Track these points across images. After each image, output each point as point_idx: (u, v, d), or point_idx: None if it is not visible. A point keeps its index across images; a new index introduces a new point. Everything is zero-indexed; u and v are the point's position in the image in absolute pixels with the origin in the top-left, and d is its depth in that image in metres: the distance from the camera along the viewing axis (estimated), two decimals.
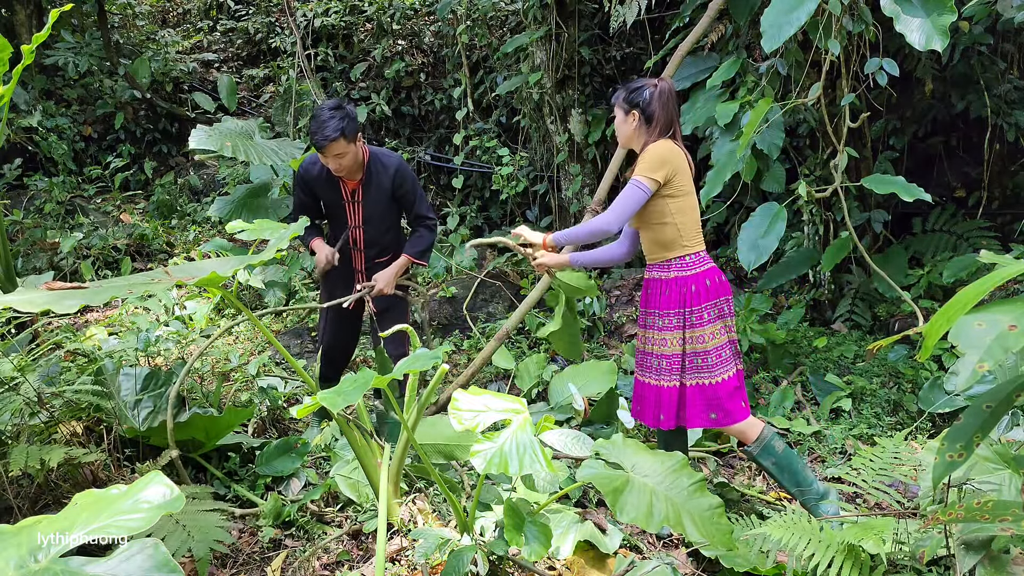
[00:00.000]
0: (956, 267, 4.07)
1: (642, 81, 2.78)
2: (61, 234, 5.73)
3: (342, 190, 3.39)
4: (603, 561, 2.55)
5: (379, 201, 3.42)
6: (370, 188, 3.39)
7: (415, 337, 2.84)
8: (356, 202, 3.41)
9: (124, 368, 3.35)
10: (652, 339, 2.79)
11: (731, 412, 2.72)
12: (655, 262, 2.79)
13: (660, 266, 2.77)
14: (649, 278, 2.82)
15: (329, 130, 3.09)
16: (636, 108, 2.73)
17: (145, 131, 7.32)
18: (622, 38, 5.98)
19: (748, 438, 2.76)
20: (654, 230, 2.75)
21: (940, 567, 2.26)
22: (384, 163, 3.39)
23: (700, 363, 2.72)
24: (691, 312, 2.71)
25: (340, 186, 3.37)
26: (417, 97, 7.28)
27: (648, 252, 2.82)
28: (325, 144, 3.11)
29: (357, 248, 3.50)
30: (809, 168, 4.57)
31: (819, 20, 3.51)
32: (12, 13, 6.78)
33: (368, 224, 3.44)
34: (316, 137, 3.12)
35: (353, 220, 3.45)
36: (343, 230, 3.49)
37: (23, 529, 1.46)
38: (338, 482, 3.01)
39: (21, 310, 3.16)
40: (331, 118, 3.11)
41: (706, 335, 2.70)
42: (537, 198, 6.37)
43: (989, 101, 4.31)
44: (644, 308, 2.86)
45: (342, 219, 3.46)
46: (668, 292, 2.74)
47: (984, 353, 1.39)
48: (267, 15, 8.17)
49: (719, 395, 2.70)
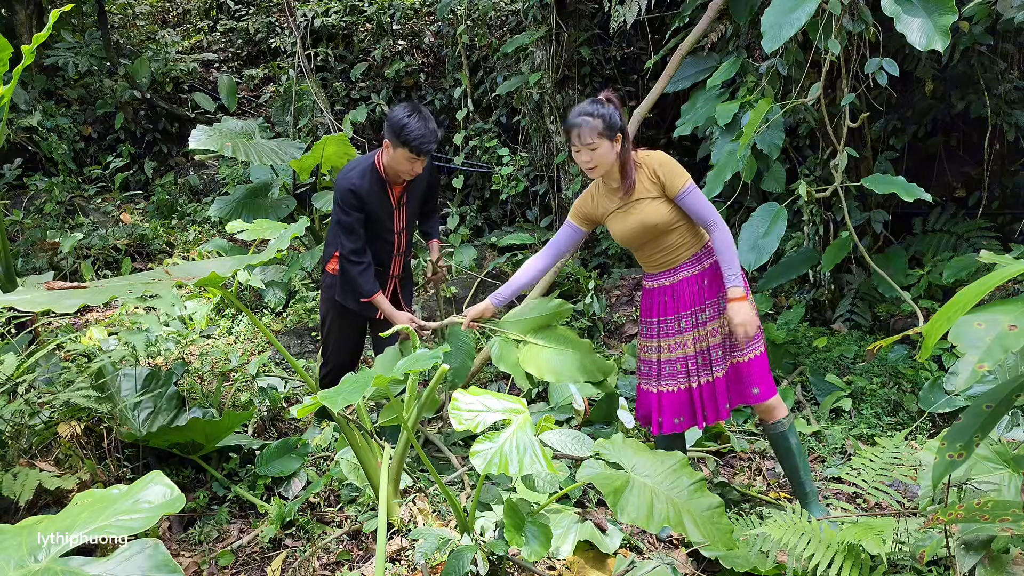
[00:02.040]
0: (956, 267, 4.07)
1: (595, 105, 2.68)
2: (61, 234, 5.73)
3: (391, 197, 3.29)
4: (603, 561, 2.55)
5: (416, 200, 3.41)
6: (412, 189, 3.35)
7: (415, 337, 2.84)
8: (402, 207, 3.35)
9: (124, 368, 3.35)
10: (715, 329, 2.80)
11: (771, 386, 2.80)
12: (689, 258, 2.79)
13: (694, 260, 2.79)
14: (690, 276, 2.79)
15: (432, 133, 3.06)
16: (620, 131, 2.68)
17: (145, 131, 7.31)
18: (622, 38, 5.98)
19: (780, 413, 2.82)
20: (686, 227, 2.78)
21: (940, 567, 2.26)
22: None
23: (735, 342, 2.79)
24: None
25: (388, 192, 3.27)
26: (417, 97, 7.28)
27: (679, 253, 2.79)
28: (432, 147, 3.07)
29: (399, 253, 3.43)
30: (809, 168, 4.57)
31: (819, 20, 3.51)
32: (12, 13, 6.78)
33: (409, 226, 3.42)
34: (424, 141, 3.03)
35: (399, 224, 3.36)
36: (387, 239, 3.35)
37: (23, 529, 1.47)
38: (342, 466, 2.99)
39: (21, 310, 3.17)
40: (426, 121, 3.06)
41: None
42: (537, 198, 6.37)
43: (989, 101, 4.31)
44: (699, 305, 2.80)
45: (388, 226, 3.33)
46: (716, 276, 2.78)
47: (984, 353, 1.39)
48: (267, 15, 8.16)
49: (761, 370, 2.78)
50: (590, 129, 2.62)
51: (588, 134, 2.63)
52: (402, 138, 3.04)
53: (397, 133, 3.05)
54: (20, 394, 2.90)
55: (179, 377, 3.55)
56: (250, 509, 3.11)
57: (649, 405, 2.91)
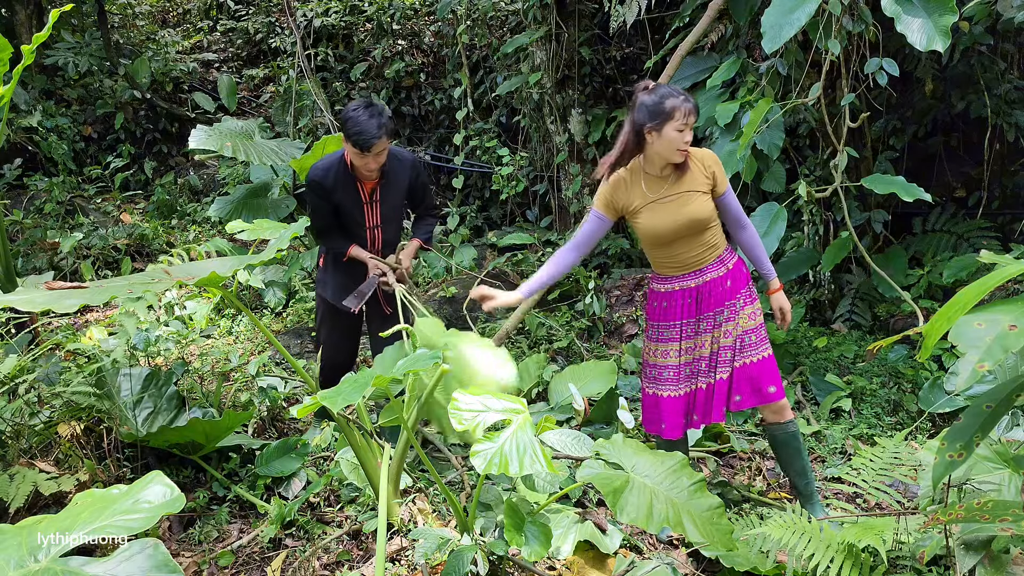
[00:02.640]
0: (956, 267, 4.06)
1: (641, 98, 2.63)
2: (61, 234, 5.73)
3: (360, 192, 3.32)
4: (603, 561, 2.55)
5: (396, 199, 3.41)
6: (388, 186, 3.35)
7: (415, 337, 2.84)
8: (375, 202, 3.36)
9: (124, 368, 3.35)
10: (740, 324, 2.78)
11: (782, 385, 2.79)
12: (715, 259, 2.78)
13: (719, 261, 2.79)
14: (716, 277, 2.77)
15: (375, 128, 3.04)
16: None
17: (145, 131, 7.31)
18: (622, 38, 5.97)
19: (790, 412, 2.81)
20: (718, 227, 2.80)
21: (940, 567, 2.26)
22: (400, 159, 3.37)
23: (755, 339, 2.78)
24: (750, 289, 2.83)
25: (358, 188, 3.31)
26: (417, 97, 7.28)
27: (710, 253, 2.77)
28: (373, 143, 3.05)
29: (374, 249, 3.44)
30: (809, 168, 4.57)
31: (819, 20, 3.51)
32: (12, 13, 6.78)
33: (385, 223, 3.42)
34: (362, 138, 3.04)
35: (371, 220, 3.39)
36: (359, 234, 3.40)
37: (23, 529, 1.47)
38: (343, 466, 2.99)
39: (21, 310, 3.16)
40: (371, 116, 3.05)
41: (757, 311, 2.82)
42: (537, 198, 6.37)
43: (989, 101, 4.31)
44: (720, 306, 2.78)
45: (359, 221, 3.38)
46: (741, 274, 2.80)
47: (984, 353, 1.39)
48: (267, 15, 8.16)
49: (773, 369, 2.78)
50: (695, 108, 2.61)
51: (694, 114, 2.61)
52: (346, 133, 3.10)
53: (342, 128, 3.12)
54: (20, 394, 2.90)
55: (179, 377, 3.55)
56: (250, 509, 3.11)
57: (658, 410, 2.87)
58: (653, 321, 2.88)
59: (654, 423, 2.91)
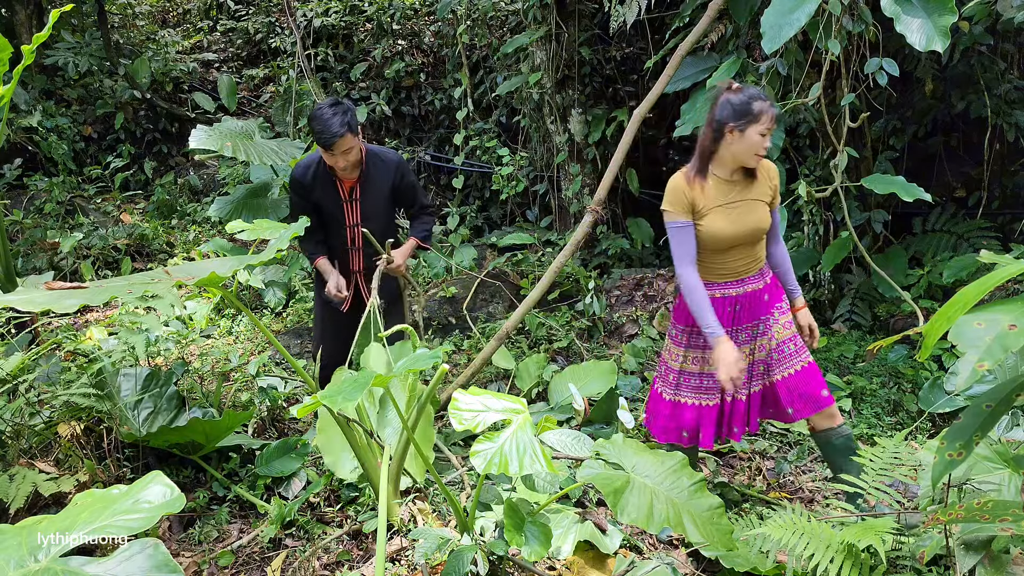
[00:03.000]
0: (956, 267, 4.06)
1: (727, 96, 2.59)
2: (61, 234, 5.73)
3: (340, 190, 3.36)
4: (603, 561, 2.55)
5: (378, 198, 3.41)
6: (368, 186, 3.37)
7: (415, 337, 2.84)
8: (354, 200, 3.38)
9: (124, 368, 3.35)
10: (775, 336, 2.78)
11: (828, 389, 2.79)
12: (758, 270, 2.76)
13: (760, 273, 2.77)
14: (756, 289, 2.75)
15: (336, 126, 3.05)
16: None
17: (145, 131, 7.31)
18: (622, 38, 5.97)
19: (841, 417, 2.80)
20: (765, 240, 2.79)
21: (940, 567, 2.26)
22: (383, 159, 3.39)
23: (793, 347, 2.79)
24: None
25: (337, 186, 3.35)
26: (417, 97, 7.28)
27: (756, 263, 2.75)
28: (334, 140, 3.07)
29: (355, 248, 3.47)
30: (809, 168, 4.57)
31: (819, 20, 3.51)
32: (12, 13, 6.78)
33: (367, 222, 3.42)
34: (324, 136, 3.07)
35: (351, 219, 3.42)
36: (340, 233, 3.44)
37: (23, 529, 1.46)
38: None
39: (21, 310, 3.16)
40: (334, 114, 3.07)
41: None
42: (537, 198, 6.37)
43: (989, 101, 4.31)
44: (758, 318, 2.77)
45: (340, 220, 3.42)
46: (776, 288, 2.83)
47: (984, 353, 1.39)
48: (267, 15, 8.16)
49: (818, 374, 2.78)
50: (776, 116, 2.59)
51: (776, 122, 2.58)
52: (311, 131, 3.14)
53: (308, 126, 3.18)
54: (20, 394, 2.90)
55: (179, 377, 3.56)
56: (250, 509, 3.11)
57: (681, 418, 2.81)
58: (686, 326, 2.78)
59: (672, 432, 2.83)
